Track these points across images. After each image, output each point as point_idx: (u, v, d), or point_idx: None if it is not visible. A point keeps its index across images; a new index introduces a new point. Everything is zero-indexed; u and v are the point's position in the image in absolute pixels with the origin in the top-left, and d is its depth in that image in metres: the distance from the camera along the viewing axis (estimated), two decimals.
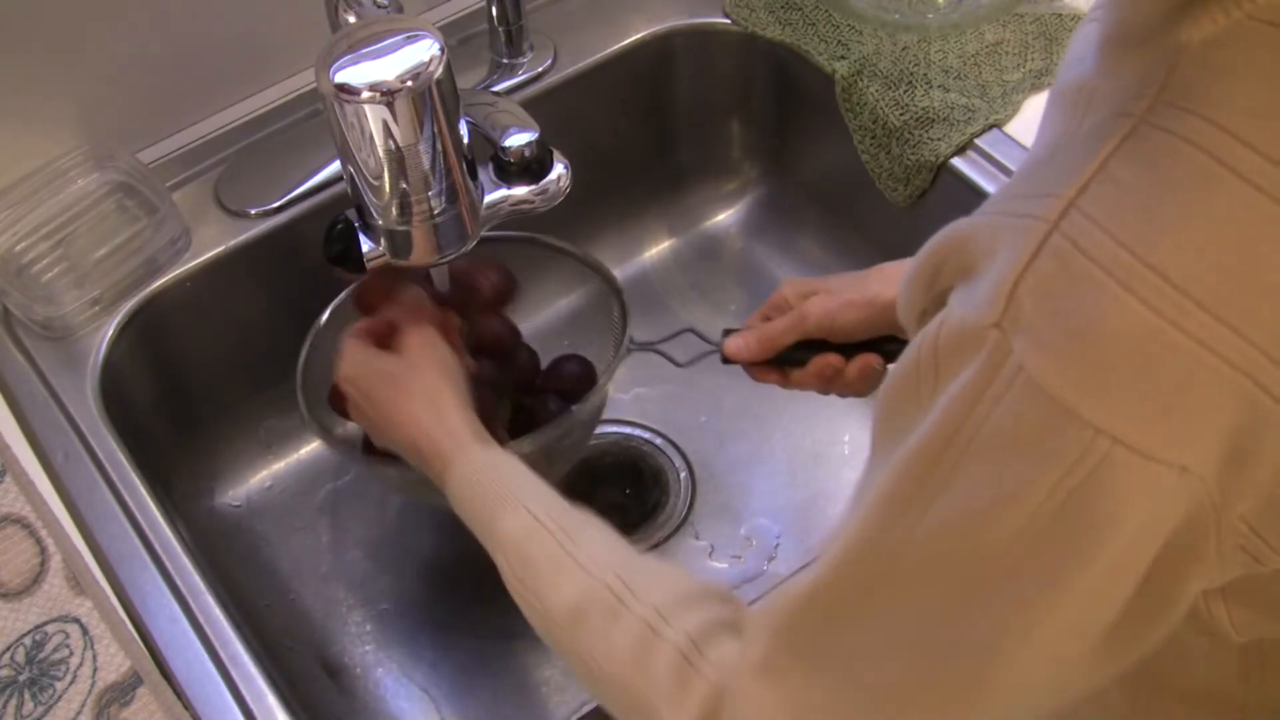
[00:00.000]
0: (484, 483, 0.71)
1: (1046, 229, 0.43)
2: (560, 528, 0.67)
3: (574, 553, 0.66)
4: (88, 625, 0.76)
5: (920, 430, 0.46)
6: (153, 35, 0.96)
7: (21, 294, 0.90)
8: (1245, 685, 0.57)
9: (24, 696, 0.74)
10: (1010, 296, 0.43)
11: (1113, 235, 0.42)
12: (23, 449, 0.86)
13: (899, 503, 0.47)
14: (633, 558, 0.66)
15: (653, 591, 0.62)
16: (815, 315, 0.80)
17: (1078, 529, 0.43)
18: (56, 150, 0.96)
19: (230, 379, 1.04)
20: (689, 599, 0.62)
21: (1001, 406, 0.43)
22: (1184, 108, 0.43)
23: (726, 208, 1.22)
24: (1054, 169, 0.45)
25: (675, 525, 1.02)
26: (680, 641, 0.59)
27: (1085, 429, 0.41)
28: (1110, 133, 0.44)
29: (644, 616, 0.61)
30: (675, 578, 0.64)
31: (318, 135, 1.01)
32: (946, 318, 0.46)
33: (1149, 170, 0.42)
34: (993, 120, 0.98)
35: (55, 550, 0.79)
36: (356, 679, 0.96)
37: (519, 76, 1.05)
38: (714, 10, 1.11)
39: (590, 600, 0.63)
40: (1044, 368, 0.42)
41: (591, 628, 0.63)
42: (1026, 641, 0.47)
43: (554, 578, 0.65)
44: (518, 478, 0.72)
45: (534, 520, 0.68)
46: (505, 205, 0.80)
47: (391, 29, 0.71)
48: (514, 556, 0.67)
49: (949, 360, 0.45)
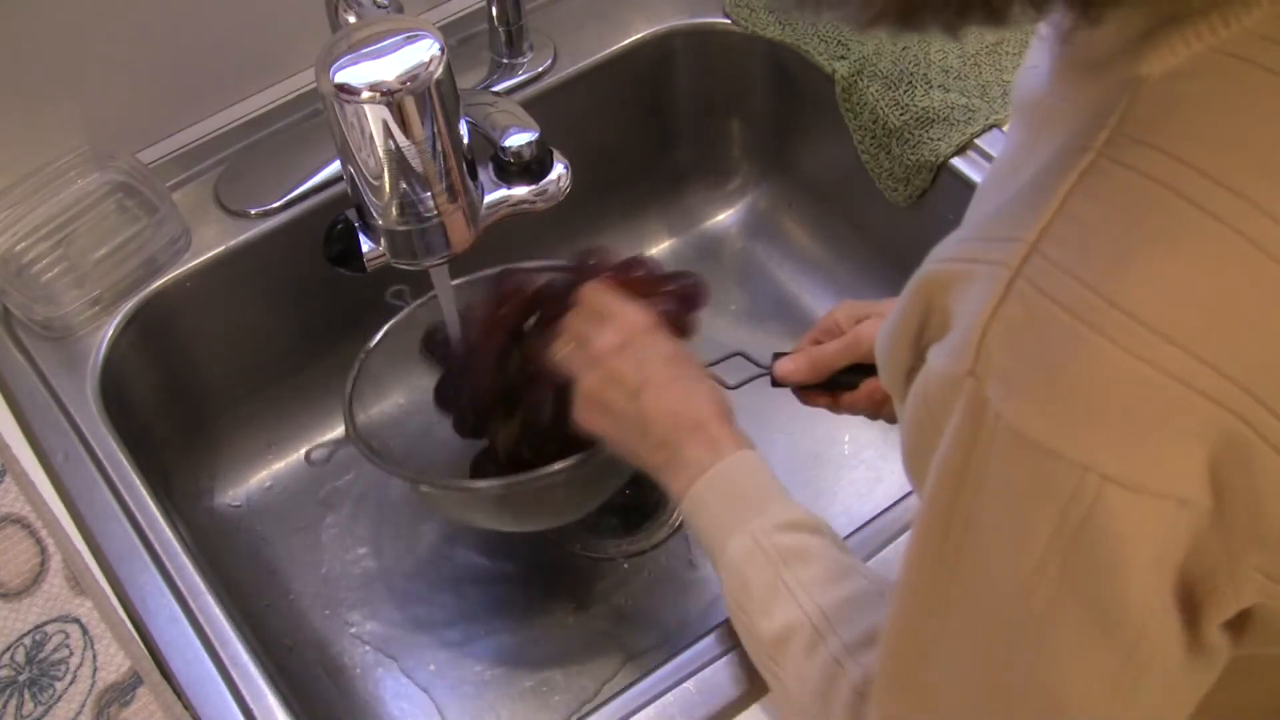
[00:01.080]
0: (723, 496, 0.71)
1: (1009, 275, 0.42)
2: (780, 553, 0.68)
3: (787, 580, 0.66)
4: (88, 625, 0.76)
5: (930, 481, 0.46)
6: (153, 35, 0.96)
7: (21, 294, 0.90)
8: None
9: (24, 696, 0.74)
10: (979, 345, 0.43)
11: (1077, 277, 0.41)
12: (23, 449, 0.86)
13: (932, 553, 0.48)
14: (840, 587, 0.66)
15: (849, 629, 0.64)
16: (869, 339, 0.80)
17: (1090, 566, 0.43)
18: (56, 150, 0.96)
19: (230, 379, 1.04)
20: (870, 636, 0.63)
21: (993, 454, 0.43)
22: (1143, 141, 0.42)
23: (726, 208, 1.22)
24: (1015, 205, 0.45)
25: (676, 525, 1.02)
26: (856, 680, 0.61)
27: (1073, 468, 0.41)
28: (1068, 168, 0.43)
29: (835, 654, 0.63)
30: (868, 610, 0.65)
31: (318, 135, 1.01)
32: (928, 371, 0.46)
33: (1109, 207, 0.42)
34: (993, 120, 0.98)
35: (55, 550, 0.79)
36: (356, 679, 0.96)
37: (519, 76, 1.05)
38: (714, 10, 1.11)
39: (793, 630, 0.65)
40: (1021, 412, 0.42)
41: (792, 657, 0.65)
42: (1081, 675, 0.46)
43: (766, 605, 0.67)
44: (751, 494, 0.72)
45: (754, 544, 0.68)
46: (505, 205, 0.80)
47: (391, 29, 0.71)
48: (733, 580, 0.69)
49: (938, 412, 0.45)
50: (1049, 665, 0.46)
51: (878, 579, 0.67)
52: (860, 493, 1.03)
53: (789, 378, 0.82)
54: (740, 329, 1.15)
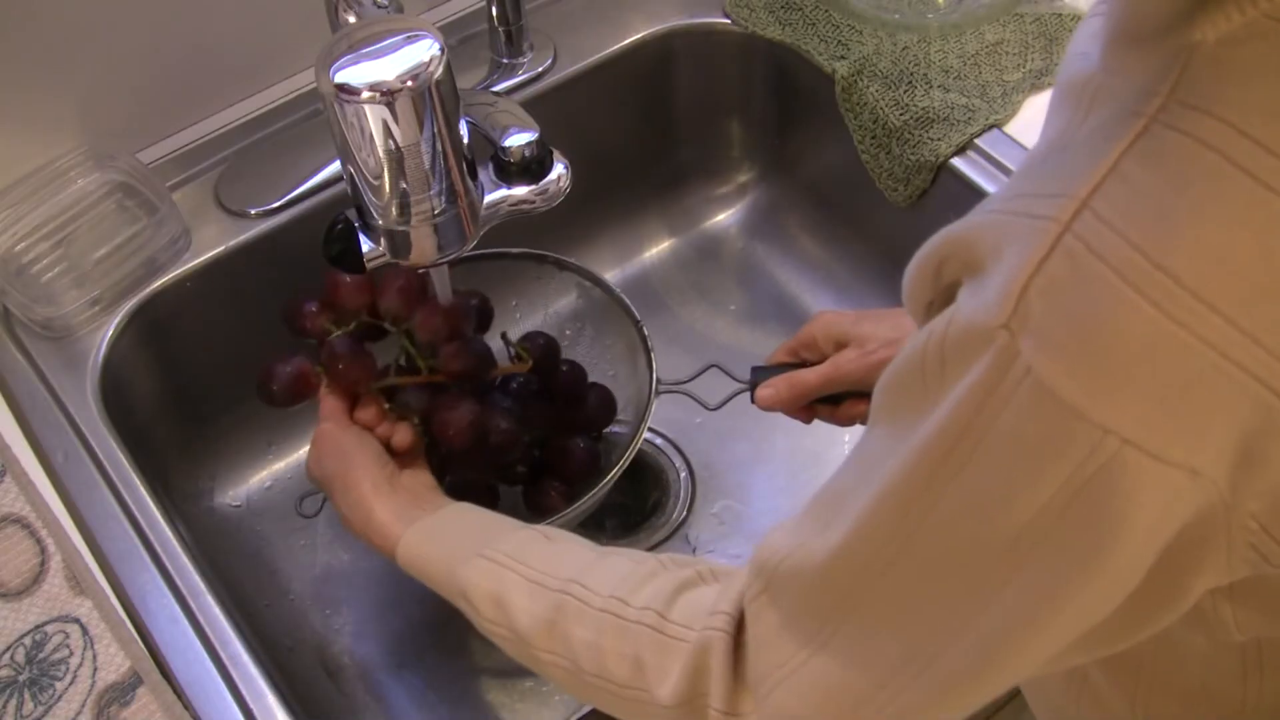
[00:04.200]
0: (431, 556, 0.73)
1: (1058, 230, 0.42)
2: (517, 559, 0.69)
3: (533, 575, 0.67)
4: (88, 625, 0.76)
5: (929, 426, 0.46)
6: (153, 35, 0.96)
7: (21, 294, 0.90)
8: (1244, 685, 0.57)
9: (24, 696, 0.74)
10: (1020, 298, 0.43)
11: (1125, 237, 0.41)
12: (23, 449, 0.86)
13: (910, 493, 0.47)
14: (589, 557, 0.68)
15: (609, 581, 0.64)
16: (849, 373, 0.82)
17: (1087, 525, 0.43)
18: (56, 150, 0.96)
19: (230, 379, 1.04)
20: (644, 576, 0.63)
21: (1010, 407, 0.43)
22: (1197, 107, 0.42)
23: (726, 208, 1.22)
24: (1063, 168, 0.45)
25: (675, 525, 1.02)
26: (645, 617, 0.61)
27: (1094, 429, 0.41)
28: (1122, 132, 0.43)
29: (607, 608, 0.63)
30: (631, 561, 0.66)
31: (318, 135, 1.02)
32: (954, 315, 0.46)
33: (1162, 171, 0.42)
34: (993, 120, 0.98)
35: (55, 550, 0.79)
36: (356, 679, 0.96)
37: (519, 76, 1.05)
38: (714, 10, 1.11)
39: (557, 610, 0.65)
40: (1053, 369, 0.42)
41: (564, 635, 0.64)
42: (1034, 630, 0.47)
43: (520, 604, 0.67)
44: (460, 538, 0.73)
45: (489, 562, 0.69)
46: (505, 205, 0.80)
47: (391, 29, 0.71)
48: (480, 599, 0.69)
49: (956, 358, 0.45)
50: (1006, 609, 0.47)
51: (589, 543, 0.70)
52: None
53: (770, 406, 0.85)
54: (740, 329, 1.15)
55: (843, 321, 0.84)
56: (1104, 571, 0.45)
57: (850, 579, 0.51)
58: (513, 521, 0.75)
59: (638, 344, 0.91)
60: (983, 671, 0.49)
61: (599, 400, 0.93)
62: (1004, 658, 0.48)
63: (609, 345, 0.96)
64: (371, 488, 0.77)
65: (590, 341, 0.97)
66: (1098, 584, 0.45)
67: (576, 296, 0.96)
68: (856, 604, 0.51)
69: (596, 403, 0.93)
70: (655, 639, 0.60)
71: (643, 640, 0.61)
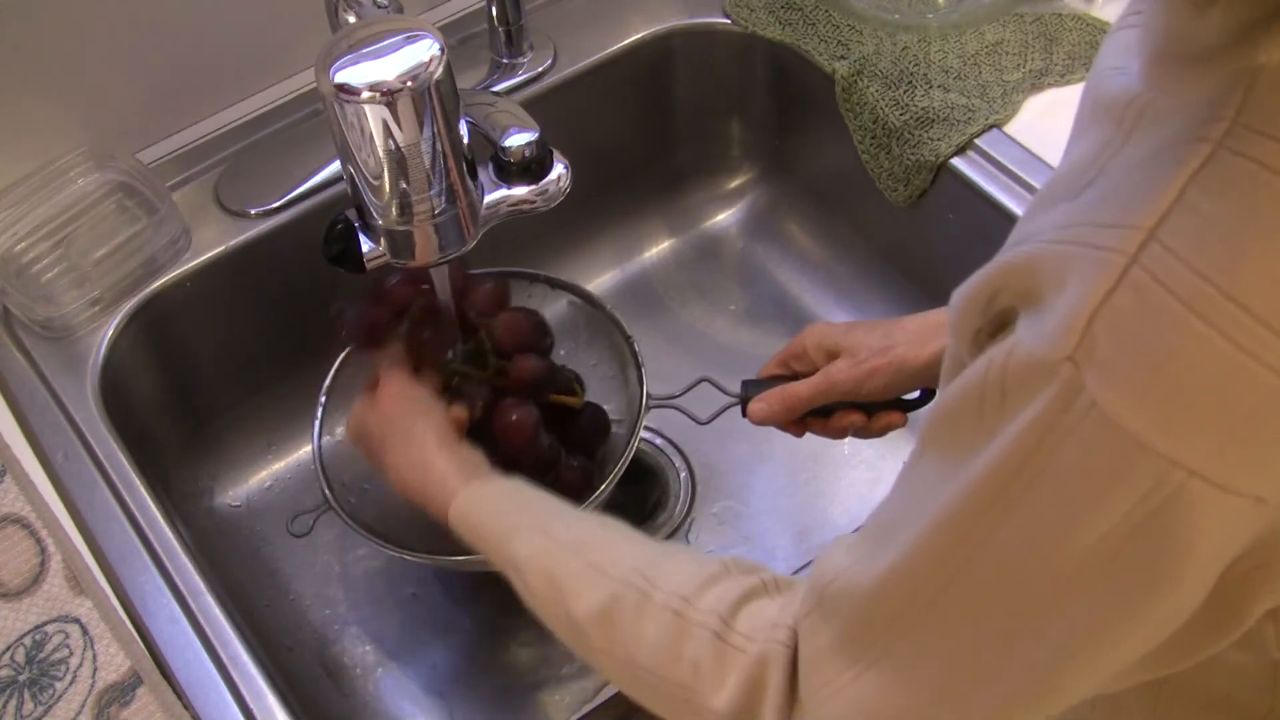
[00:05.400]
0: (486, 517, 0.73)
1: (1125, 262, 0.42)
2: (576, 540, 0.68)
3: (593, 560, 0.66)
4: (88, 625, 0.76)
5: (986, 457, 0.46)
6: (153, 35, 0.96)
7: (21, 294, 0.90)
8: (1271, 696, 0.57)
9: (24, 696, 0.74)
10: (1085, 331, 0.42)
11: (1193, 267, 0.41)
12: (23, 449, 0.86)
13: (966, 523, 0.47)
14: (652, 551, 0.67)
15: (674, 578, 0.63)
16: (841, 383, 0.81)
17: (1149, 556, 0.43)
18: (56, 150, 0.96)
19: (230, 379, 1.04)
20: (710, 578, 0.62)
21: (1072, 440, 0.43)
22: (1263, 132, 0.41)
23: (726, 208, 1.22)
24: (1120, 194, 0.44)
25: (675, 525, 1.02)
26: (709, 621, 0.60)
27: (1160, 461, 0.41)
28: (1185, 158, 0.42)
29: (669, 605, 0.61)
30: (695, 561, 0.65)
31: (318, 135, 1.02)
32: (1015, 346, 0.45)
33: (1229, 199, 0.41)
34: (993, 120, 0.98)
35: (55, 550, 0.79)
36: (356, 679, 0.96)
37: (519, 76, 1.05)
38: (714, 10, 1.11)
39: (615, 600, 0.64)
40: (1119, 403, 0.41)
41: (621, 626, 0.63)
42: (1087, 660, 0.47)
43: (577, 588, 0.66)
44: (519, 509, 0.73)
45: (547, 538, 0.69)
46: (505, 205, 0.80)
47: (391, 29, 0.71)
48: (532, 574, 0.68)
49: (1018, 389, 0.45)
50: (1060, 639, 0.46)
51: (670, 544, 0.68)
52: (860, 493, 1.03)
53: (763, 421, 0.85)
54: (740, 329, 1.15)
55: (833, 332, 0.83)
56: (1165, 600, 0.44)
57: (900, 604, 0.51)
58: (571, 506, 0.74)
59: (629, 359, 0.91)
60: (1032, 699, 0.49)
61: (592, 420, 0.93)
62: (1054, 685, 0.48)
63: (601, 357, 0.96)
64: (437, 440, 0.78)
65: (583, 351, 0.97)
66: (1158, 612, 0.45)
67: (568, 304, 0.96)
68: (906, 629, 0.51)
69: (590, 424, 0.93)
70: (716, 645, 0.59)
71: (704, 644, 0.60)
